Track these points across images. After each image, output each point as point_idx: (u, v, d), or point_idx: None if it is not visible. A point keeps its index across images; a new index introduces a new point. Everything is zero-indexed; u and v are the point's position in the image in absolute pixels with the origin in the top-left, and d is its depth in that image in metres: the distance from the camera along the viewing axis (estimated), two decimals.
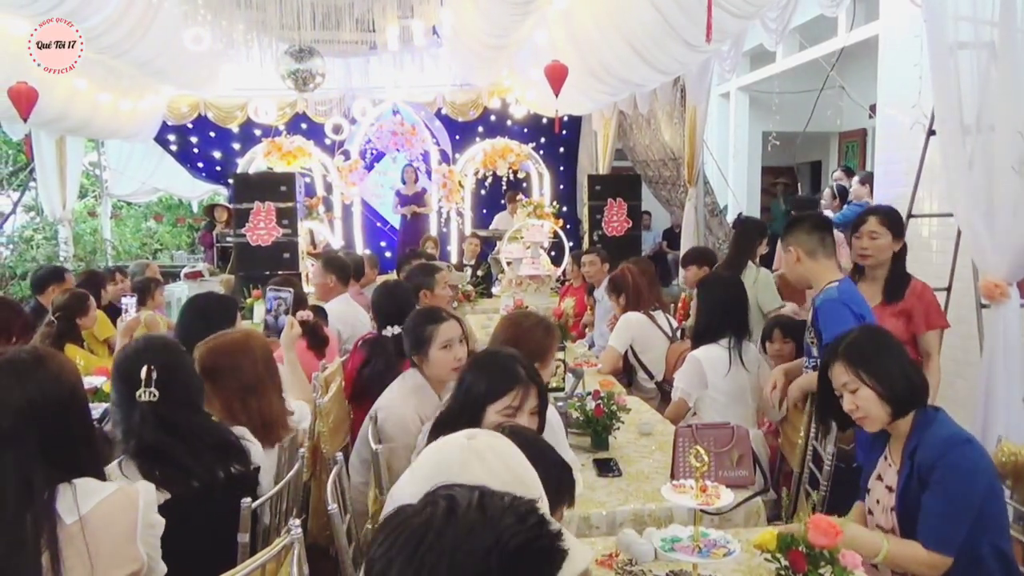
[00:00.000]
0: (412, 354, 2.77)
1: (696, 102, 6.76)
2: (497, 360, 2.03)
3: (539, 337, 2.61)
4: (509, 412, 1.90)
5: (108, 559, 1.54)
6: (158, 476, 1.89)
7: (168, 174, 10.24)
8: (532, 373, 1.98)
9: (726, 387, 3.08)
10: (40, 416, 1.53)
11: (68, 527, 1.50)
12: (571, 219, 9.94)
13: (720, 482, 1.91)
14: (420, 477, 1.20)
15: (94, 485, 1.59)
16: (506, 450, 1.24)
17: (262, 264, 7.34)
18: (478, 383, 1.94)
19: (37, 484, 1.50)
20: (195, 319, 2.92)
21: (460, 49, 7.77)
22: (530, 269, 6.76)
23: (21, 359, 1.58)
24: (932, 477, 1.85)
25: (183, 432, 1.96)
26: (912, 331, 2.94)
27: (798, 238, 2.77)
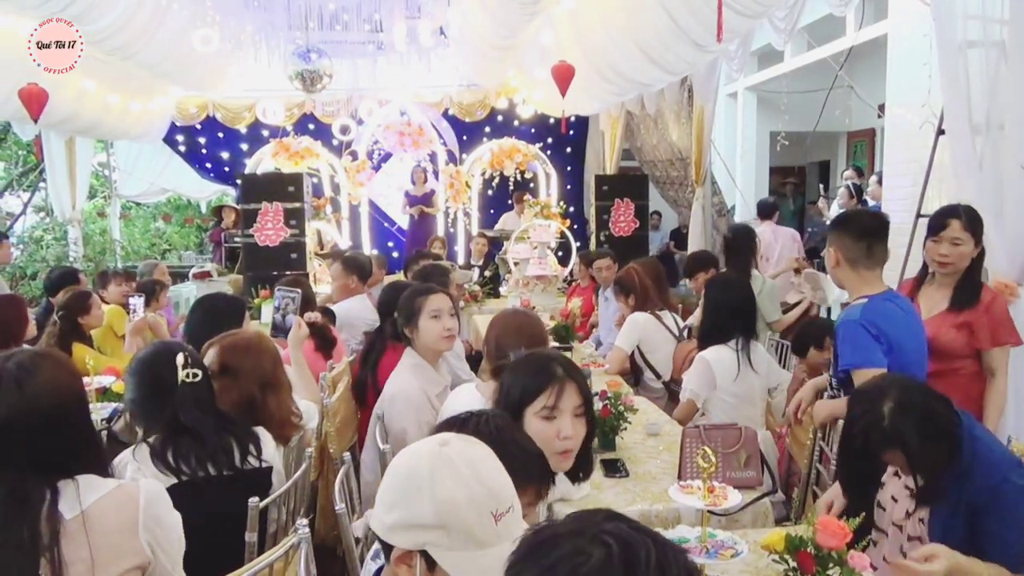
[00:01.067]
0: (404, 327, 2.86)
1: (704, 102, 6.74)
2: (530, 358, 1.89)
3: (538, 331, 2.60)
4: (546, 413, 1.74)
5: (109, 553, 1.55)
6: (170, 460, 1.95)
7: (177, 175, 10.29)
8: (571, 370, 1.82)
9: (735, 389, 3.08)
10: (25, 429, 1.51)
11: (68, 523, 1.51)
12: (578, 219, 9.94)
13: (728, 483, 1.91)
14: (390, 487, 1.14)
15: (96, 482, 1.59)
16: (479, 457, 1.16)
17: (270, 264, 7.37)
18: (515, 386, 1.80)
19: (32, 495, 1.50)
20: (204, 319, 2.93)
21: (467, 49, 7.78)
22: (537, 269, 6.77)
23: (4, 374, 1.54)
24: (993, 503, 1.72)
25: (215, 414, 2.04)
26: (975, 346, 2.64)
27: (843, 241, 2.46)
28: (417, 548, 1.10)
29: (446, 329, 2.83)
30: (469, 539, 1.09)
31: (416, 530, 1.10)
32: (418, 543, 1.10)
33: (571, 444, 1.72)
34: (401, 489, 1.12)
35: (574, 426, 1.74)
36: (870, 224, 2.49)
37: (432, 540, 1.09)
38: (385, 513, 1.12)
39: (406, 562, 1.11)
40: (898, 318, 2.39)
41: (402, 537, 1.11)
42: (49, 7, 4.58)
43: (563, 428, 1.71)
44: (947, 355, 2.63)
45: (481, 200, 10.16)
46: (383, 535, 1.13)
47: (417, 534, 1.10)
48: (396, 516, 1.11)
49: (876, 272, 2.46)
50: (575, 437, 1.73)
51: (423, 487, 1.10)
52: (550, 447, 1.67)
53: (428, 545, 1.09)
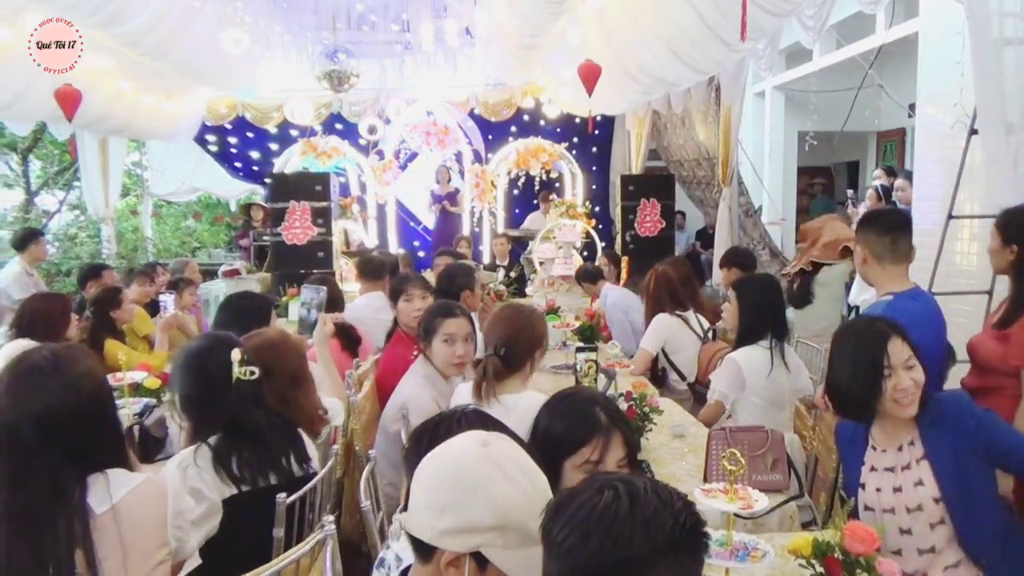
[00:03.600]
0: (421, 340, 2.91)
1: (731, 101, 6.69)
2: (572, 402, 1.71)
3: (538, 326, 2.59)
4: (589, 468, 1.59)
5: (141, 547, 1.57)
6: (234, 468, 1.94)
7: (207, 174, 10.43)
8: (616, 417, 1.66)
9: (765, 390, 3.02)
10: (63, 421, 1.54)
11: (100, 518, 1.54)
12: (604, 219, 9.91)
13: (754, 486, 1.89)
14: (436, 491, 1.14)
15: (124, 476, 1.62)
16: (521, 456, 1.20)
17: (297, 263, 7.45)
18: (553, 432, 1.65)
19: (67, 485, 1.53)
20: (231, 318, 2.97)
21: (493, 49, 7.79)
22: (562, 269, 6.76)
23: (41, 367, 1.58)
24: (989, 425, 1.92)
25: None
26: (1012, 362, 2.43)
27: (867, 237, 2.52)
28: (471, 550, 1.11)
29: (457, 356, 2.83)
30: (524, 537, 1.12)
31: (472, 533, 1.11)
32: (472, 545, 1.11)
33: None
34: (452, 493, 1.13)
35: None
36: (893, 219, 2.58)
37: (487, 541, 1.11)
38: (436, 518, 1.12)
39: (456, 565, 1.12)
40: (920, 317, 2.39)
41: (456, 540, 1.12)
42: (82, 9, 4.66)
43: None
44: (988, 370, 2.55)
45: (506, 200, 10.17)
46: (432, 540, 1.13)
47: (472, 537, 1.11)
48: (450, 520, 1.11)
49: (902, 267, 2.51)
50: None
51: (478, 490, 1.11)
52: None
53: (483, 546, 1.11)
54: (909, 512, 1.95)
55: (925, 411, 1.95)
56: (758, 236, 7.70)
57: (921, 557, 1.95)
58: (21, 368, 1.58)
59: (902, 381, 1.91)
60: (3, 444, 1.53)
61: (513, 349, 2.45)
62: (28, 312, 3.54)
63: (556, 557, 1.01)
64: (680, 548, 1.00)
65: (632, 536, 0.98)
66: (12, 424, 1.52)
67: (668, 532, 0.99)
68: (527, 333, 2.50)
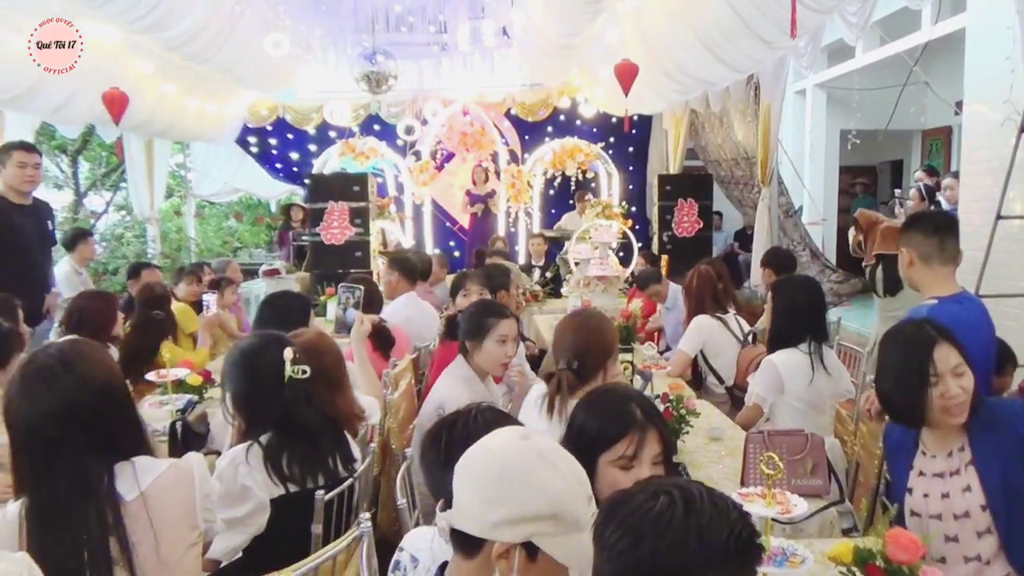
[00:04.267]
0: (467, 338, 2.88)
1: (771, 100, 6.59)
2: (608, 398, 1.73)
3: (609, 333, 2.57)
4: (624, 463, 1.61)
5: (171, 531, 1.61)
6: (284, 467, 1.97)
7: (248, 175, 10.60)
8: (651, 413, 1.67)
9: (805, 394, 2.97)
10: (78, 415, 1.57)
11: (130, 504, 1.57)
12: (640, 219, 9.84)
13: (793, 491, 1.87)
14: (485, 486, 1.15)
15: (150, 462, 1.66)
16: (559, 447, 1.23)
17: (336, 262, 7.54)
18: (588, 428, 1.66)
19: (94, 475, 1.56)
20: (272, 317, 3.02)
21: (530, 49, 7.79)
22: (598, 270, 6.72)
23: (49, 366, 1.60)
24: None
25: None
26: None
27: (914, 238, 2.48)
28: (523, 540, 1.13)
29: (507, 356, 2.87)
30: (574, 524, 1.14)
31: (526, 523, 1.13)
32: (525, 535, 1.13)
33: None
34: (503, 486, 1.14)
35: (651, 476, 1.60)
36: (941, 220, 2.54)
37: (540, 530, 1.13)
38: (488, 512, 1.14)
39: (505, 556, 1.14)
40: (966, 322, 2.32)
41: (509, 531, 1.13)
42: (130, 15, 4.78)
43: (640, 479, 1.58)
44: None
45: (542, 200, 10.16)
46: (484, 533, 1.14)
47: (526, 527, 1.13)
48: (504, 512, 1.13)
49: (949, 269, 2.46)
50: None
51: (528, 481, 1.13)
52: None
53: (535, 535, 1.13)
54: (956, 519, 1.90)
55: (976, 415, 1.90)
56: (798, 237, 7.57)
57: (967, 565, 1.90)
58: (31, 369, 1.61)
59: (950, 389, 1.86)
60: (23, 443, 1.58)
61: (585, 361, 2.41)
62: (77, 310, 3.64)
63: (608, 559, 1.02)
64: (733, 559, 0.99)
65: (686, 543, 0.98)
66: (30, 423, 1.56)
67: (723, 542, 0.98)
68: (599, 342, 2.46)
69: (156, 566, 1.57)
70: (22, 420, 1.57)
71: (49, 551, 1.48)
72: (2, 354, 2.75)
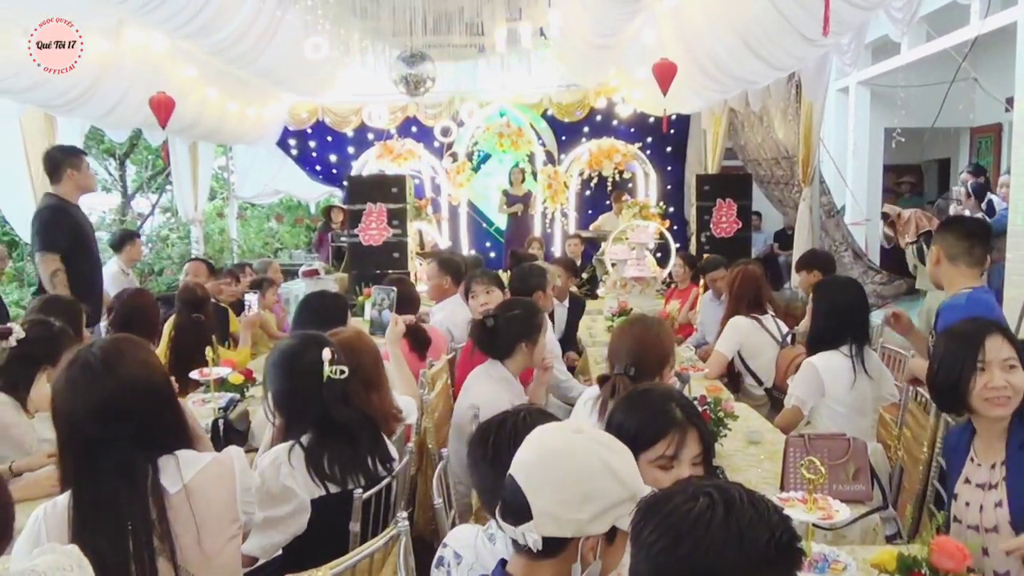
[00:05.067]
0: (523, 339, 2.92)
1: (812, 98, 6.48)
2: (648, 398, 1.73)
3: (667, 341, 2.55)
4: (663, 463, 1.62)
5: (213, 524, 1.64)
6: (325, 467, 2.00)
7: (288, 177, 10.76)
8: (692, 414, 1.68)
9: (847, 397, 2.92)
10: (121, 411, 1.60)
11: (173, 497, 1.61)
12: (678, 220, 9.76)
13: (834, 496, 1.84)
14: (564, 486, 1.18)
15: (193, 456, 1.69)
16: (610, 436, 1.30)
17: (374, 263, 7.61)
18: (628, 427, 1.65)
19: (137, 468, 1.60)
20: (310, 317, 3.07)
21: (567, 49, 7.78)
22: (635, 271, 6.69)
23: (91, 364, 1.63)
24: None
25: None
26: None
27: (946, 239, 2.76)
28: (610, 526, 1.19)
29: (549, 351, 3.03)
30: (639, 499, 1.18)
31: (612, 510, 1.19)
32: (611, 521, 1.19)
33: None
34: (583, 483, 1.18)
35: (691, 476, 1.61)
36: (973, 226, 2.85)
37: (622, 512, 1.19)
38: (577, 511, 1.17)
39: (593, 546, 1.19)
40: (995, 309, 2.64)
41: (600, 523, 1.18)
42: (175, 21, 4.90)
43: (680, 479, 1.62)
44: None
45: (579, 200, 10.13)
46: (580, 532, 1.18)
47: (612, 513, 1.19)
48: (593, 508, 1.18)
49: (975, 271, 2.72)
50: None
51: (605, 471, 1.19)
52: None
53: (619, 519, 1.19)
54: (987, 532, 1.86)
55: (1020, 428, 1.86)
56: (840, 237, 7.43)
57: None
58: (74, 366, 1.64)
59: (995, 379, 1.84)
60: (68, 437, 1.62)
61: (641, 367, 2.41)
62: (127, 308, 3.73)
63: (646, 559, 1.02)
64: (773, 564, 0.98)
65: (725, 546, 0.97)
66: (73, 419, 1.60)
67: (763, 546, 0.97)
68: (656, 350, 2.46)
69: (198, 557, 1.61)
70: (66, 416, 1.61)
71: (95, 542, 1.52)
72: (52, 352, 2.84)
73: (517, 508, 1.19)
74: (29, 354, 2.74)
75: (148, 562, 1.55)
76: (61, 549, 1.29)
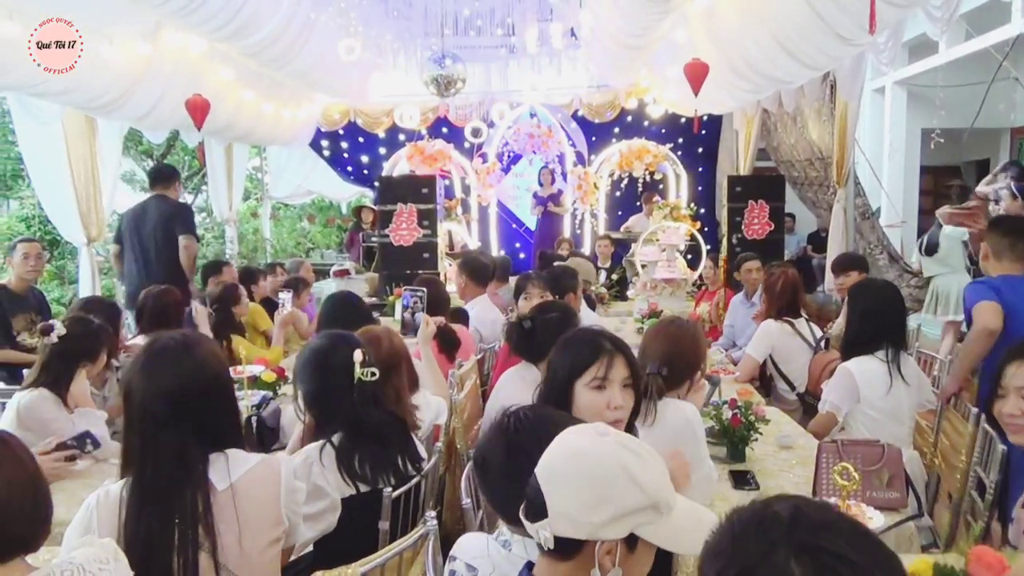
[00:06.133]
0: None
1: (847, 98, 6.38)
2: (579, 335, 2.01)
3: (701, 345, 2.53)
4: (597, 384, 1.84)
5: (255, 525, 1.66)
6: (356, 467, 2.02)
7: (320, 177, 10.88)
8: (618, 343, 1.92)
9: (883, 404, 2.86)
10: (190, 397, 1.65)
11: (220, 494, 1.64)
12: (709, 221, 9.68)
13: (868, 503, 1.81)
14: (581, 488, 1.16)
15: (242, 456, 1.72)
16: (634, 438, 1.26)
17: (404, 263, 7.65)
18: (564, 360, 1.91)
19: (193, 458, 1.63)
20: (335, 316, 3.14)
21: (598, 50, 7.75)
22: (665, 272, 6.66)
23: (172, 347, 1.69)
24: None
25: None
26: None
27: (992, 237, 3.13)
28: (627, 533, 1.15)
29: None
30: (666, 508, 1.17)
31: (628, 517, 1.15)
32: (629, 528, 1.15)
33: (621, 414, 1.83)
34: (602, 487, 1.15)
35: (623, 396, 1.84)
36: (1014, 225, 3.21)
37: (642, 520, 1.15)
38: (591, 514, 1.15)
39: (611, 552, 1.16)
40: (1021, 289, 2.92)
41: (616, 528, 1.15)
42: (213, 24, 4.98)
43: (613, 398, 1.83)
44: None
45: (609, 201, 10.10)
46: (592, 535, 1.15)
47: (629, 520, 1.15)
48: (609, 511, 1.14)
49: (1017, 266, 3.03)
50: (624, 407, 1.83)
51: (625, 476, 1.15)
52: (600, 418, 1.73)
53: (637, 527, 1.15)
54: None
55: None
56: (876, 239, 7.31)
57: None
58: (154, 348, 1.71)
59: (1008, 406, 1.86)
60: (136, 418, 1.66)
61: (674, 369, 2.39)
62: (155, 305, 3.80)
63: None
64: None
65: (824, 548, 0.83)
66: (146, 399, 1.64)
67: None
68: (691, 353, 2.44)
69: (237, 556, 1.63)
70: (138, 397, 1.66)
71: (145, 527, 1.57)
72: (92, 350, 2.92)
73: (537, 506, 1.19)
74: (69, 351, 2.82)
75: (192, 554, 1.58)
76: (99, 543, 1.33)
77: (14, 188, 10.08)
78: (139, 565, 1.43)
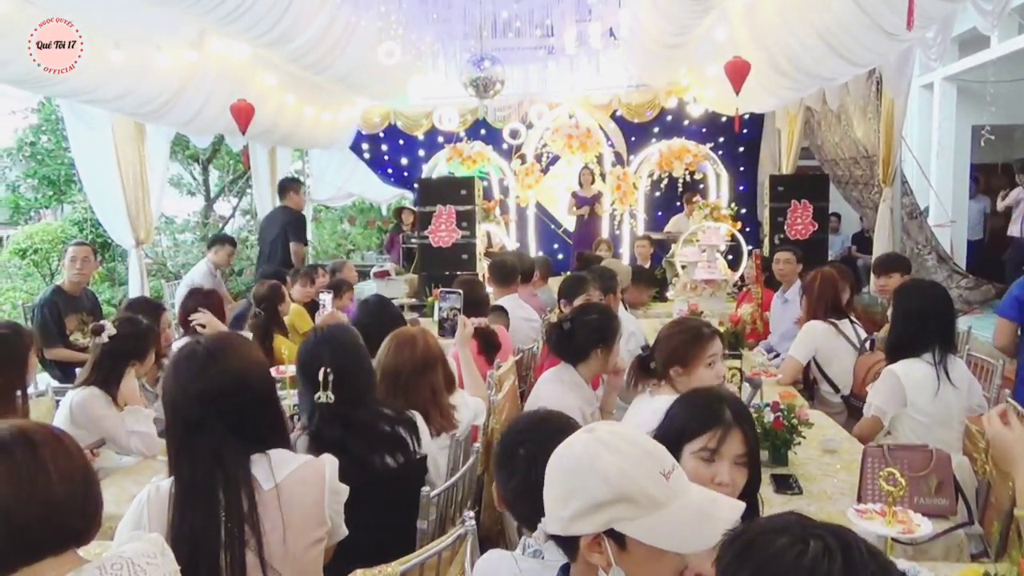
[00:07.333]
0: (598, 345, 2.90)
1: (894, 95, 6.24)
2: (700, 395, 1.83)
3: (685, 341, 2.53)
4: (706, 456, 1.67)
5: (299, 525, 1.69)
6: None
7: (361, 180, 10.98)
8: (741, 415, 1.72)
9: (931, 408, 2.79)
10: (219, 401, 1.69)
11: (265, 493, 1.67)
12: (750, 222, 9.54)
13: (915, 510, 1.77)
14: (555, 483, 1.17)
15: (287, 456, 1.75)
16: (629, 431, 1.22)
17: (443, 265, 7.70)
18: (678, 419, 1.75)
19: (228, 459, 1.67)
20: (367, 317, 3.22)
21: (637, 49, 7.70)
22: (705, 273, 6.58)
23: (198, 353, 1.75)
24: None
25: (357, 428, 2.16)
26: None
27: None
28: (604, 528, 1.12)
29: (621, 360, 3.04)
30: (651, 502, 1.11)
31: (597, 511, 1.12)
32: (603, 523, 1.12)
33: (726, 492, 1.62)
34: (568, 480, 1.15)
35: (732, 474, 1.65)
36: None
37: (616, 515, 1.11)
38: (561, 508, 1.15)
39: (596, 549, 1.14)
40: None
41: (585, 523, 1.13)
42: (257, 30, 5.08)
43: (719, 474, 1.65)
44: None
45: (648, 202, 10.01)
46: (563, 530, 1.15)
47: (599, 514, 1.12)
48: (574, 506, 1.13)
49: None
50: (732, 486, 1.64)
51: (589, 469, 1.13)
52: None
53: (614, 522, 1.11)
54: None
55: None
56: (924, 240, 7.13)
57: None
58: (181, 355, 1.78)
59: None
60: (171, 421, 1.73)
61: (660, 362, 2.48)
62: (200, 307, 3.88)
63: None
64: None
65: None
66: (176, 402, 1.72)
67: None
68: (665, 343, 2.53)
69: (282, 555, 1.66)
70: (171, 399, 1.74)
71: (189, 525, 1.61)
72: (140, 348, 3.01)
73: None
74: (119, 350, 2.91)
75: (238, 552, 1.61)
76: (147, 538, 1.36)
77: (68, 193, 10.40)
78: (187, 561, 1.47)
